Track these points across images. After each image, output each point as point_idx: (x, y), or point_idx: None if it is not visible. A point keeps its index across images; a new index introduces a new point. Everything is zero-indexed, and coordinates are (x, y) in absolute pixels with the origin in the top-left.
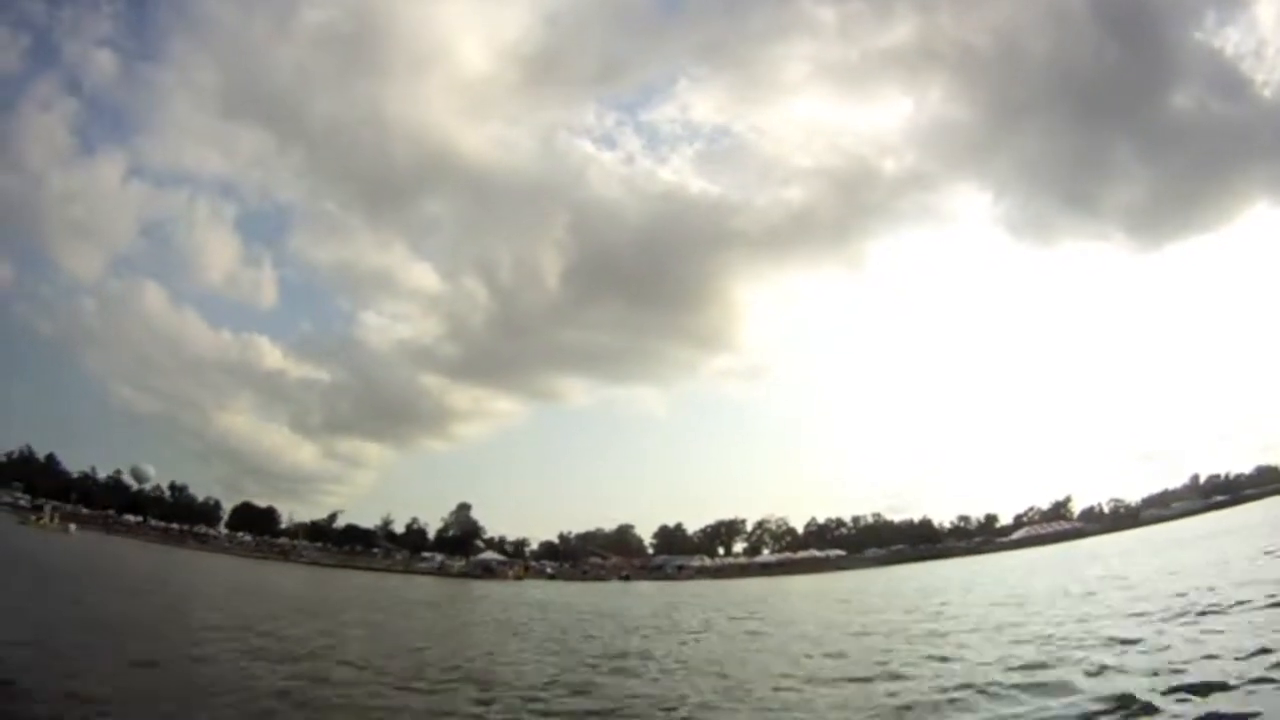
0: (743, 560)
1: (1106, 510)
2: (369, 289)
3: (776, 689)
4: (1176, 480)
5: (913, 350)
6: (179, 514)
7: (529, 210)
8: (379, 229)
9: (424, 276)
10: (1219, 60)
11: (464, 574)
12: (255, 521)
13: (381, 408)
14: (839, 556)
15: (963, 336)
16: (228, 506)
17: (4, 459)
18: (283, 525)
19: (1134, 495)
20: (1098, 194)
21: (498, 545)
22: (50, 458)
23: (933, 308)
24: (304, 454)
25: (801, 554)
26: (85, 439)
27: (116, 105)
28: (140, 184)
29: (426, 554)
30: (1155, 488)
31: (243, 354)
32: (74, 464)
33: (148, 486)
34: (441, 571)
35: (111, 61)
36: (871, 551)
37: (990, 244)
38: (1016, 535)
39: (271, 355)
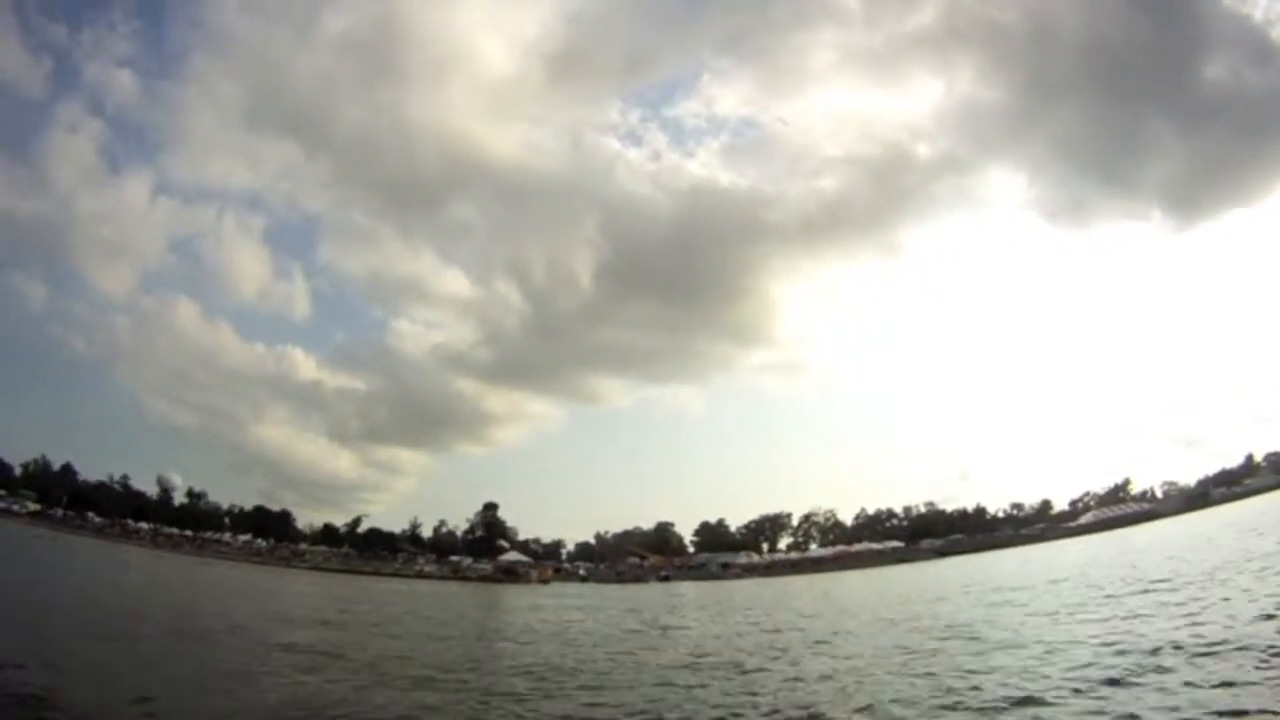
0: (793, 556)
1: (1159, 494)
2: (401, 297)
3: None
4: (1226, 461)
5: (951, 337)
6: (193, 521)
7: (558, 211)
8: (408, 236)
9: (455, 282)
10: (1249, 27)
11: (485, 578)
12: (270, 527)
13: (418, 414)
14: (896, 548)
15: (1000, 322)
16: None
17: (22, 469)
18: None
19: (1185, 477)
20: (1133, 171)
21: (529, 547)
22: (66, 467)
23: (970, 293)
24: (342, 463)
25: (857, 547)
26: (120, 452)
27: (140, 124)
28: (168, 201)
29: (454, 557)
30: (1202, 470)
31: (278, 366)
32: (104, 475)
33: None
34: (458, 575)
35: (132, 81)
36: (927, 543)
37: (1026, 227)
38: (1083, 520)
39: (306, 366)
